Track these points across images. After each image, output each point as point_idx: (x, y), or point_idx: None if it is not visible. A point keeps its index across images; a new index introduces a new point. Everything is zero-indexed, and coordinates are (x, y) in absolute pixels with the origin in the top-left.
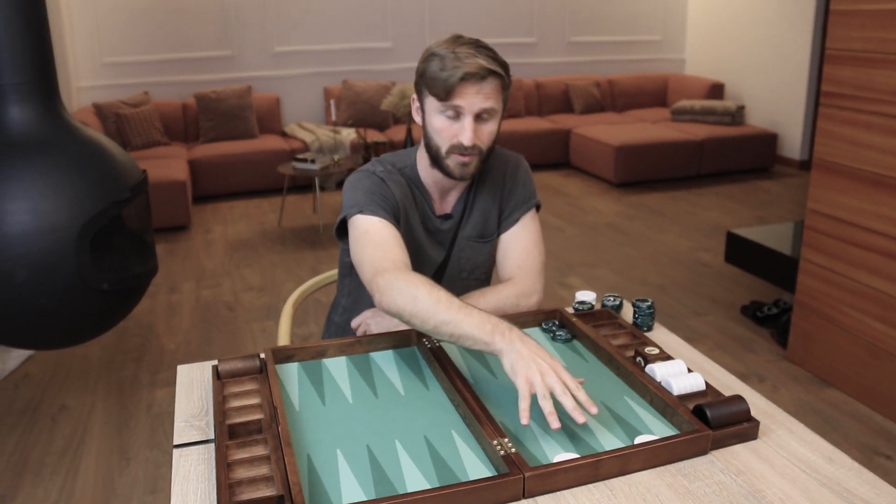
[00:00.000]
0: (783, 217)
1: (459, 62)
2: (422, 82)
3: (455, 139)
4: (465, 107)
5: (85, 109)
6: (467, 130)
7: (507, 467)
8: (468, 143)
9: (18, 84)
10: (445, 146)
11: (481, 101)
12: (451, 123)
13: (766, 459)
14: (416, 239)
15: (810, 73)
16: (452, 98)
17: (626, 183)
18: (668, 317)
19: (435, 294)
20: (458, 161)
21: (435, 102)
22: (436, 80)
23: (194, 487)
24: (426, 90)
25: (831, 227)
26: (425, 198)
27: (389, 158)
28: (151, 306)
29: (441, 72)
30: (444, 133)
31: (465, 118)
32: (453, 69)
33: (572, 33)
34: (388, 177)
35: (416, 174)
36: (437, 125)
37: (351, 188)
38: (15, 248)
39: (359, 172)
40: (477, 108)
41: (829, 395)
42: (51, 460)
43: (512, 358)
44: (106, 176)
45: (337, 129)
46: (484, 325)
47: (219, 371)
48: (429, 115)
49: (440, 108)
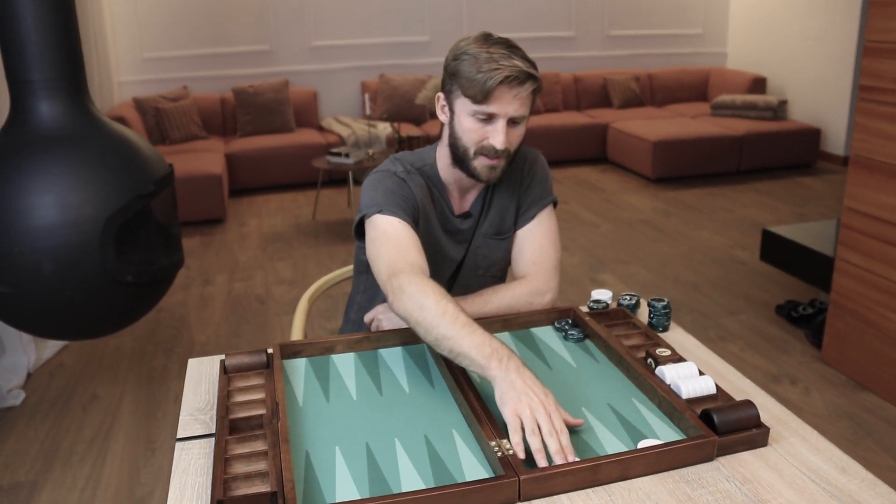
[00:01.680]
0: (824, 215)
1: (496, 64)
2: (453, 82)
3: (485, 141)
4: (499, 112)
5: (125, 104)
6: (500, 134)
7: (503, 469)
8: (500, 146)
9: (47, 80)
10: (474, 148)
11: (517, 108)
12: (482, 126)
13: (775, 468)
14: (435, 238)
15: (856, 67)
16: (489, 102)
17: (663, 178)
18: (701, 315)
19: (442, 306)
20: (485, 164)
21: (468, 104)
22: (472, 81)
23: (192, 481)
24: (459, 90)
25: (869, 226)
26: (444, 197)
27: (408, 158)
28: (184, 298)
29: (477, 74)
30: (474, 135)
31: (498, 122)
32: (491, 71)
33: (611, 27)
34: (408, 177)
35: (436, 173)
36: (466, 126)
37: (370, 188)
38: (42, 240)
39: (378, 172)
40: (511, 114)
41: (864, 399)
42: (80, 448)
43: (503, 388)
44: (131, 170)
45: (373, 123)
46: (483, 347)
47: (225, 365)
48: (459, 116)
49: (473, 111)
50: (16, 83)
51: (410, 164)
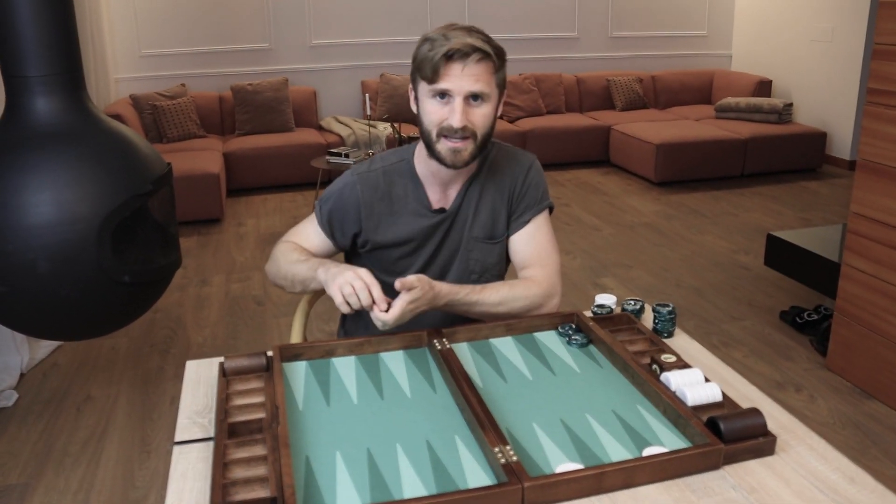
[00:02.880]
0: (829, 220)
1: (447, 41)
2: (414, 68)
3: (445, 122)
4: (453, 89)
5: (122, 101)
6: (457, 112)
7: (506, 476)
8: (458, 124)
9: (44, 76)
10: (435, 130)
11: (469, 84)
12: (442, 107)
13: (782, 477)
14: (398, 235)
15: (863, 70)
16: (440, 79)
17: (666, 182)
18: (704, 321)
19: (291, 255)
20: (448, 147)
21: (425, 86)
22: (424, 61)
23: (190, 486)
24: (418, 74)
25: (875, 232)
26: (418, 192)
27: (388, 155)
28: (181, 299)
29: (429, 52)
30: (434, 116)
31: (454, 100)
32: (439, 48)
33: (615, 28)
34: (365, 178)
35: (411, 167)
36: (427, 108)
37: (333, 184)
38: (37, 238)
39: (347, 171)
40: (465, 91)
41: (870, 408)
42: (73, 450)
43: (325, 277)
44: (129, 168)
45: (373, 124)
46: (311, 263)
47: (224, 368)
48: (421, 101)
49: (430, 91)
50: (12, 79)
51: (384, 162)
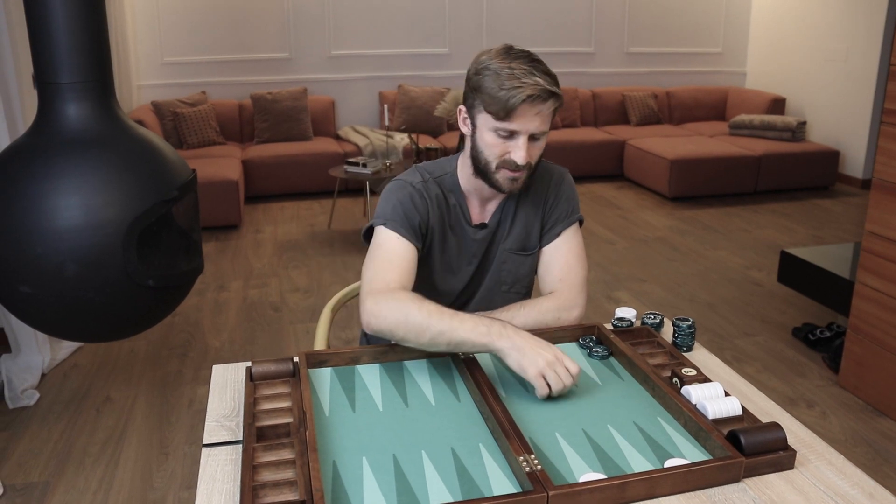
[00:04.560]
0: (842, 238)
1: (518, 82)
2: (475, 97)
3: (507, 156)
4: (521, 129)
5: (144, 107)
6: (521, 150)
7: (531, 484)
8: (522, 161)
9: (76, 83)
10: (495, 162)
11: (538, 125)
12: (504, 141)
13: (802, 491)
14: (450, 249)
15: (877, 89)
16: (511, 119)
17: (680, 197)
18: (716, 336)
19: (425, 307)
20: (507, 176)
21: (490, 120)
22: (494, 99)
23: (220, 487)
24: (481, 106)
25: (890, 251)
26: (462, 207)
27: (428, 167)
28: (199, 303)
29: (499, 91)
30: (496, 149)
31: (519, 138)
32: (513, 89)
33: (631, 44)
34: (424, 187)
35: (456, 182)
36: (488, 140)
37: (385, 197)
38: (66, 241)
39: (396, 181)
40: (533, 130)
41: (882, 425)
42: (93, 450)
43: (515, 356)
44: (156, 174)
45: (390, 134)
46: (479, 327)
47: (252, 373)
48: (481, 130)
49: (495, 127)
50: (44, 85)
51: (430, 173)
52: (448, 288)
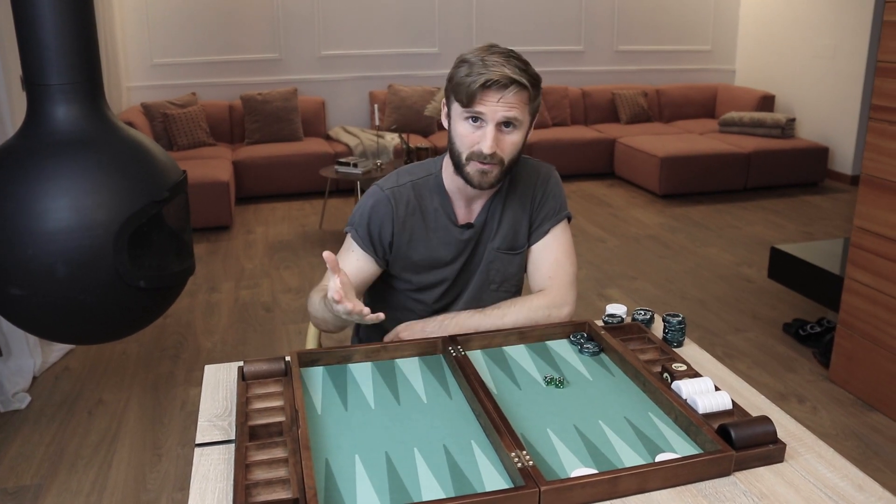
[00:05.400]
0: (831, 234)
1: (486, 69)
2: (449, 87)
3: (476, 146)
4: (486, 114)
5: (133, 109)
6: (487, 138)
7: (523, 480)
8: (487, 150)
9: (65, 84)
10: (466, 153)
11: (503, 110)
12: (473, 130)
13: (792, 484)
14: (428, 250)
15: (865, 86)
16: (474, 104)
17: (670, 195)
18: (708, 332)
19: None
20: (477, 168)
21: (459, 108)
22: (461, 85)
23: (213, 486)
24: (453, 96)
25: (878, 246)
26: (445, 207)
27: (412, 169)
28: (191, 305)
29: (466, 77)
30: (466, 139)
31: (486, 126)
32: (478, 75)
33: (620, 42)
34: (395, 192)
35: (440, 182)
36: (459, 131)
37: (360, 202)
38: (56, 243)
39: (373, 187)
40: (499, 117)
41: (872, 419)
42: (85, 453)
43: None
44: (146, 175)
45: (381, 134)
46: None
47: (244, 372)
48: (453, 121)
49: (463, 114)
50: (33, 87)
51: (411, 176)
52: (432, 283)
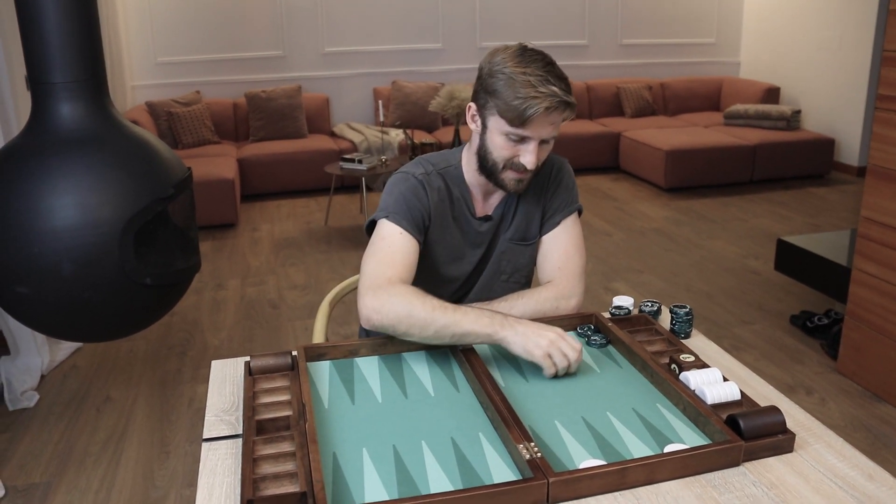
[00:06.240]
0: (838, 225)
1: (534, 91)
2: (488, 99)
3: (516, 159)
4: (533, 136)
5: (138, 108)
6: (531, 155)
7: (531, 472)
8: (532, 166)
9: (69, 82)
10: (503, 163)
11: (548, 132)
12: (514, 145)
13: (801, 474)
14: (451, 240)
15: (870, 77)
16: (525, 127)
17: (675, 188)
18: (715, 325)
19: (429, 302)
20: (513, 177)
21: (503, 124)
22: (510, 107)
23: (220, 481)
24: (494, 109)
25: (886, 237)
26: (466, 199)
27: (432, 158)
28: (197, 302)
29: (515, 100)
30: (505, 152)
31: (530, 143)
32: (529, 99)
33: (624, 35)
34: (427, 179)
35: (460, 174)
36: (498, 143)
37: (388, 190)
38: (62, 241)
39: (399, 174)
40: (544, 135)
41: (881, 411)
42: (94, 450)
43: (519, 341)
44: (151, 173)
45: (385, 130)
46: (482, 318)
47: (251, 367)
48: (491, 132)
49: (507, 131)
50: (38, 85)
51: (433, 165)
52: (452, 277)
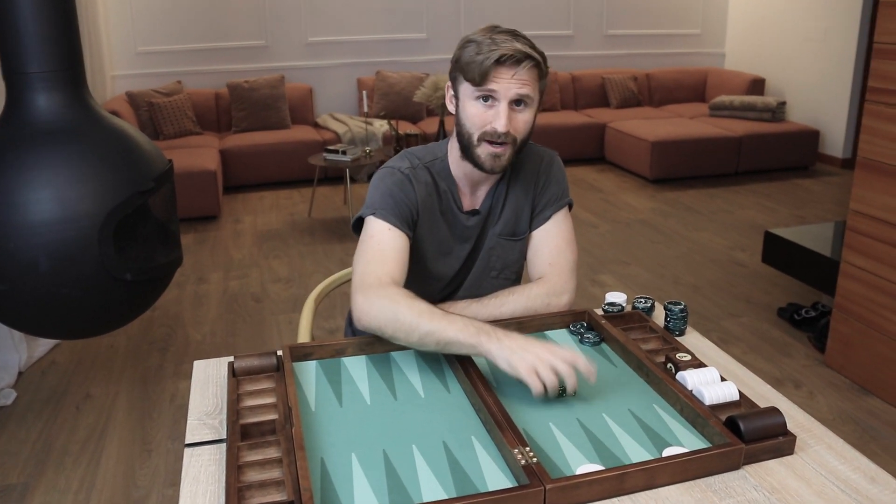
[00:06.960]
0: (823, 217)
1: (496, 46)
2: (457, 68)
3: (488, 126)
4: (499, 91)
5: (118, 98)
6: (502, 116)
7: (527, 478)
8: (502, 129)
9: (45, 73)
10: (477, 133)
11: (517, 87)
12: (486, 110)
13: (803, 477)
14: (440, 235)
15: (855, 69)
16: (487, 82)
17: (661, 179)
18: (702, 318)
19: (416, 307)
20: (489, 151)
21: (469, 88)
22: (471, 63)
23: (203, 489)
24: (461, 76)
25: (874, 229)
26: (453, 192)
27: (418, 152)
28: (179, 296)
29: (477, 55)
30: (478, 119)
31: (499, 104)
32: (490, 52)
33: (609, 26)
34: (413, 173)
35: (447, 167)
36: (470, 111)
37: (374, 185)
38: (39, 236)
39: (384, 168)
40: (513, 94)
41: (869, 404)
42: (73, 449)
43: (504, 354)
44: (131, 165)
45: (369, 121)
46: (468, 328)
47: (234, 368)
48: (463, 102)
49: (475, 94)
50: (13, 75)
51: (419, 158)
52: (441, 273)
